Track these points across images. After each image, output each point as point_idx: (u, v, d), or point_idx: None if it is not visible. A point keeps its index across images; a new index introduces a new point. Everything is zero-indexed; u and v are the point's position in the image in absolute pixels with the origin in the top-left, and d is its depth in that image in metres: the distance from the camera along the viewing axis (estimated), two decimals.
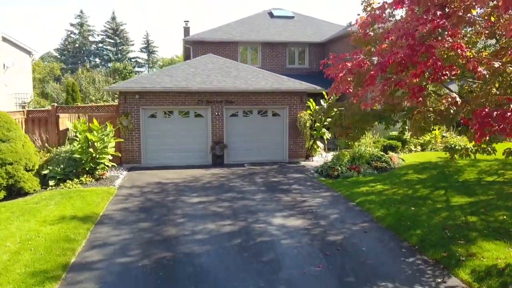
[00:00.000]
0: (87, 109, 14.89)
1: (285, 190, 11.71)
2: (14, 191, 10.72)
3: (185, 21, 25.77)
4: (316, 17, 27.34)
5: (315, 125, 16.30)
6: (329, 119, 16.25)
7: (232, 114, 15.72)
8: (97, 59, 55.72)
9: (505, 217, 8.99)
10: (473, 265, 6.74)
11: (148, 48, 59.05)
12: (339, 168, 13.32)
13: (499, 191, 11.06)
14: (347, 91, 5.81)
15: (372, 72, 5.43)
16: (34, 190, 11.03)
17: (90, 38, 56.71)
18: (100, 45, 56.91)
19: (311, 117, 16.00)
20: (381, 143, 16.81)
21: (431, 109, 5.55)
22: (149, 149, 15.22)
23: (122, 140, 14.10)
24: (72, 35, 56.11)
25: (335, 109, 6.42)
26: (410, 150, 18.28)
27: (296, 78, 17.63)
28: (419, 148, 18.74)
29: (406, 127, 6.43)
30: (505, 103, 4.45)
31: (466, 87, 6.27)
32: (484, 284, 6.22)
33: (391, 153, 16.22)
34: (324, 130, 16.20)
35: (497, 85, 4.78)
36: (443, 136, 19.82)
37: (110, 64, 50.27)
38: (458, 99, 5.47)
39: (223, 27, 23.57)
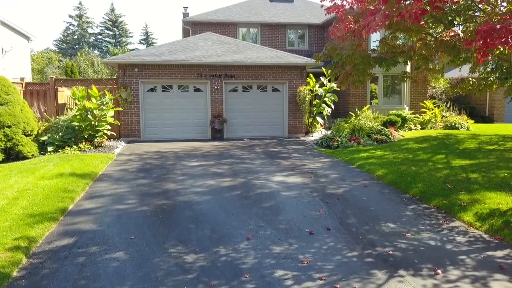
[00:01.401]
0: (87, 82, 14.78)
1: (285, 157, 11.64)
2: (13, 155, 10.64)
3: (184, 7, 25.68)
4: (315, 1, 27.24)
5: (315, 102, 16.23)
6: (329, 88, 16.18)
7: (231, 89, 15.65)
8: (96, 51, 55.54)
9: (506, 174, 8.93)
10: (476, 209, 6.68)
11: (147, 39, 58.88)
12: (339, 139, 13.25)
13: (499, 156, 11.00)
14: (348, 27, 5.74)
15: (374, 5, 5.38)
16: (32, 155, 10.95)
17: (89, 30, 56.59)
18: (99, 37, 56.76)
19: (311, 93, 15.93)
20: (381, 119, 16.73)
21: (432, 38, 5.49)
22: (148, 123, 15.14)
23: (121, 108, 13.99)
24: (71, 27, 55.97)
25: (337, 52, 6.35)
26: (410, 129, 18.20)
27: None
28: (419, 127, 18.67)
29: (407, 71, 6.35)
30: (509, 20, 4.39)
31: (468, 26, 6.20)
32: (486, 223, 6.17)
33: (390, 128, 16.16)
34: (323, 105, 16.14)
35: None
36: (443, 116, 19.77)
37: (109, 56, 50.21)
38: (460, 32, 5.41)
39: (222, 9, 23.47)
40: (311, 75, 16.06)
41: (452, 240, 5.72)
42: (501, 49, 5.02)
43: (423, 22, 5.01)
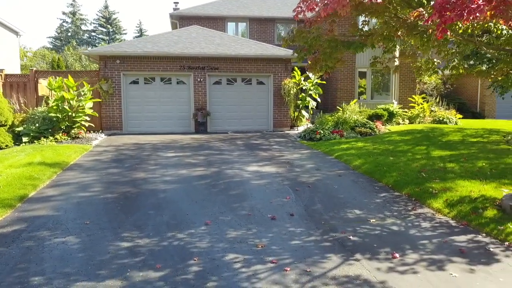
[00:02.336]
0: (68, 74, 14.52)
1: (264, 149, 11.47)
2: None
3: (174, 2, 25.49)
4: None
5: (301, 95, 16.08)
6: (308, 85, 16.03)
7: (215, 81, 15.46)
8: (90, 48, 55.19)
9: (484, 164, 8.79)
10: (446, 196, 6.54)
11: (141, 36, 58.57)
12: (322, 132, 13.09)
13: (481, 147, 10.85)
14: (311, 7, 5.58)
15: None
16: (6, 145, 10.76)
17: (83, 27, 56.25)
18: (93, 34, 56.43)
19: (297, 86, 15.77)
20: (367, 113, 16.59)
21: (394, 18, 5.33)
22: (131, 116, 14.95)
23: (100, 99, 13.77)
24: (64, 24, 55.62)
25: (302, 35, 6.19)
26: (398, 123, 18.05)
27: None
28: (407, 121, 18.52)
29: (378, 56, 6.21)
30: None
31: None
32: (455, 210, 6.02)
33: (376, 122, 16.01)
34: (308, 99, 15.98)
35: None
36: (432, 111, 19.64)
37: None
38: (425, 12, 5.25)
39: (211, 3, 23.27)
40: (296, 68, 15.90)
41: (417, 225, 5.57)
42: (460, 25, 4.86)
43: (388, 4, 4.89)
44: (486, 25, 5.25)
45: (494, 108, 24.95)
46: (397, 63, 16.39)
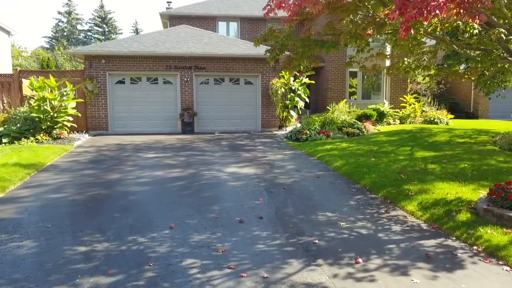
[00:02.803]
0: (54, 74, 14.39)
1: (248, 150, 11.34)
2: None
3: (167, 2, 25.32)
4: None
5: (289, 95, 15.95)
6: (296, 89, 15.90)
7: (202, 81, 15.32)
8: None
9: (466, 165, 8.66)
10: (421, 199, 6.40)
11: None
12: (308, 132, 12.96)
13: (467, 148, 10.73)
14: (280, 5, 5.45)
15: None
16: None
17: (79, 27, 56.02)
18: (89, 33, 56.22)
19: (284, 86, 15.63)
20: (356, 113, 16.47)
21: (363, 16, 5.20)
22: (117, 116, 14.80)
23: (82, 100, 13.60)
24: (60, 24, 55.41)
25: (274, 34, 6.06)
26: (389, 123, 17.92)
27: None
28: (397, 121, 18.40)
29: (353, 55, 6.10)
30: None
31: None
32: (428, 212, 5.89)
33: (366, 122, 15.89)
34: (297, 99, 15.85)
35: None
36: (423, 111, 19.52)
37: None
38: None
39: (201, 3, 23.11)
40: None
41: (387, 229, 5.43)
42: (426, 23, 4.72)
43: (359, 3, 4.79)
44: (455, 23, 5.12)
45: (487, 108, 24.83)
46: (388, 63, 16.27)
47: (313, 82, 16.21)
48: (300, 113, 16.63)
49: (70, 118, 12.48)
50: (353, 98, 19.68)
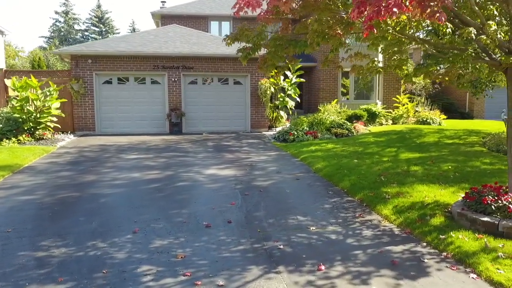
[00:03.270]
0: (42, 74, 14.26)
1: (233, 151, 11.18)
2: None
3: (162, 1, 25.16)
4: None
5: (280, 95, 15.80)
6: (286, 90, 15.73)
7: (191, 81, 15.17)
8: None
9: (450, 167, 8.50)
10: (398, 202, 6.25)
11: None
12: (295, 133, 12.80)
13: (454, 149, 10.57)
14: (249, 4, 5.28)
15: None
16: None
17: (76, 27, 55.90)
18: (86, 33, 56.08)
19: (275, 86, 15.49)
20: (346, 113, 16.32)
21: (330, 15, 5.03)
22: (104, 117, 14.66)
23: (65, 100, 13.45)
24: (57, 23, 55.29)
25: (245, 33, 5.91)
26: (381, 124, 17.77)
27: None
28: (390, 122, 18.25)
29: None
30: None
31: None
32: (402, 217, 5.73)
33: (357, 123, 15.75)
34: (287, 99, 15.70)
35: None
36: (416, 111, 19.36)
37: None
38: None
39: (193, 2, 22.95)
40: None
41: (358, 234, 5.27)
42: (388, 21, 4.56)
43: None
44: (423, 22, 4.96)
45: (483, 109, 24.67)
46: (382, 64, 16.09)
47: (303, 80, 16.04)
48: (291, 113, 16.48)
49: (54, 119, 12.34)
50: (345, 98, 19.51)
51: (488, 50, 5.10)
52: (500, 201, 5.17)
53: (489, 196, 5.28)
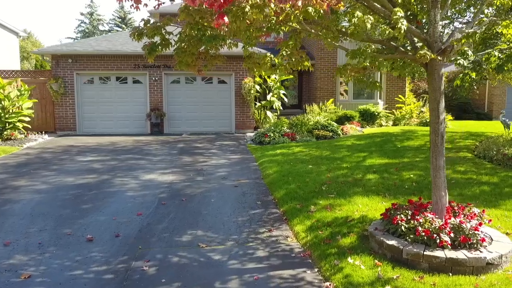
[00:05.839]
0: (23, 73, 14.29)
1: (197, 154, 10.65)
2: None
3: (170, 0, 24.94)
4: None
5: (267, 95, 15.14)
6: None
7: (173, 80, 14.78)
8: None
9: (412, 175, 7.64)
10: (320, 216, 5.53)
11: None
12: (271, 135, 12.12)
13: None
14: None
15: None
16: None
17: (100, 27, 57.19)
18: (109, 33, 57.25)
19: (264, 84, 14.85)
20: (337, 114, 15.44)
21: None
22: (86, 117, 14.52)
23: (36, 100, 13.34)
24: (82, 25, 56.79)
25: (149, 27, 5.38)
26: (380, 125, 16.75)
27: (271, 51, 16.41)
28: (390, 123, 17.19)
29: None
30: None
31: None
32: (312, 234, 5.03)
33: (352, 124, 14.86)
34: (273, 99, 15.02)
35: None
36: (421, 112, 18.16)
37: None
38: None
39: None
40: None
41: (249, 254, 4.63)
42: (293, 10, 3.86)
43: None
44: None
45: (503, 109, 22.94)
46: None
47: (290, 76, 15.25)
48: (278, 113, 15.75)
49: (26, 119, 12.26)
50: (344, 98, 18.56)
51: (396, 41, 4.34)
52: (412, 221, 4.37)
53: (402, 215, 4.50)
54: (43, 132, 13.63)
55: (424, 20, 5.56)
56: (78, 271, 4.17)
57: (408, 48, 4.65)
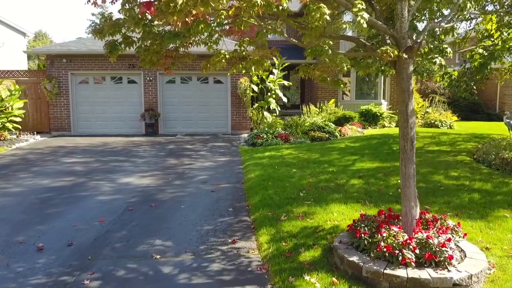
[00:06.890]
0: (16, 73, 14.23)
1: (184, 156, 10.39)
2: None
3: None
4: None
5: (271, 94, 14.80)
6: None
7: (168, 80, 14.55)
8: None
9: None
10: (288, 226, 5.19)
11: None
12: (264, 136, 11.78)
13: (430, 159, 9.12)
14: None
15: None
16: None
17: None
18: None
19: (262, 84, 14.52)
20: (336, 114, 15.00)
21: None
22: (81, 117, 14.41)
23: (26, 100, 13.25)
24: (93, 25, 57.31)
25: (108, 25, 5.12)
26: (383, 126, 16.23)
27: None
28: (393, 124, 16.64)
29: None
30: None
31: None
32: (275, 245, 4.68)
33: (349, 125, 14.42)
34: (270, 99, 14.65)
35: None
36: (426, 112, 17.57)
37: None
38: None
39: None
40: None
41: (204, 267, 4.31)
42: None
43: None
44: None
45: None
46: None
47: (286, 75, 14.89)
48: (276, 114, 15.38)
49: (17, 119, 12.18)
50: (347, 98, 18.08)
51: (359, 37, 3.97)
52: (376, 235, 4.00)
53: (365, 228, 4.12)
54: (36, 133, 13.55)
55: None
56: (12, 284, 3.92)
57: (377, 45, 4.28)
